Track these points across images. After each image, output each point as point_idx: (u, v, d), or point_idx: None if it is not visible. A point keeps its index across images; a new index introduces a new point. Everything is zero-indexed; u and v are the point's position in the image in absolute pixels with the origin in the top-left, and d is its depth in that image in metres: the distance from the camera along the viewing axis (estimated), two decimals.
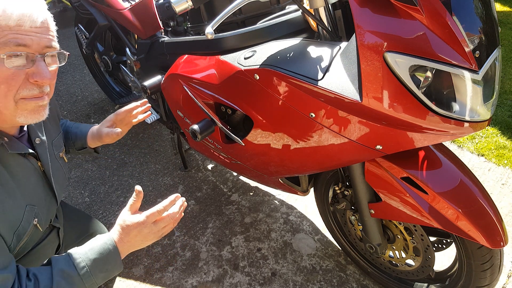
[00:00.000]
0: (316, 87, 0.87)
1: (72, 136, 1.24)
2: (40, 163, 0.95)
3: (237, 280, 1.51)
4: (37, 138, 0.95)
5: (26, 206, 0.87)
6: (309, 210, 1.79)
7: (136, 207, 0.93)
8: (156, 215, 0.91)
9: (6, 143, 0.82)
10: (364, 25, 0.78)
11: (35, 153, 0.93)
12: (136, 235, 0.90)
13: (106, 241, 0.89)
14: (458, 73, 0.74)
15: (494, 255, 1.04)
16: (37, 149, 0.94)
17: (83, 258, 0.85)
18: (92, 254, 0.86)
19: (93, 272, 0.85)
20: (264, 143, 1.12)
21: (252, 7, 1.41)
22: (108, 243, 0.88)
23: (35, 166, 0.93)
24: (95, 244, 0.88)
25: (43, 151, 0.96)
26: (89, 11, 2.03)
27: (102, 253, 0.87)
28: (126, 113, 1.24)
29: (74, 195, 1.95)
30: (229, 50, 1.13)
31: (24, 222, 0.86)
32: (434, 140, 0.85)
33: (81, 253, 0.86)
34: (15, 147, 0.85)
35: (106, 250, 0.88)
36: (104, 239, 0.90)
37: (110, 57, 2.27)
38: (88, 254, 0.86)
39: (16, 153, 0.86)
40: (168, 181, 2.02)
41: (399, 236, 1.23)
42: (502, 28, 3.38)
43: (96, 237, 0.91)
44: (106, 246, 0.88)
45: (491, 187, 1.85)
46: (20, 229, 0.85)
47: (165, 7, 1.58)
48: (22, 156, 0.89)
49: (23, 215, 0.86)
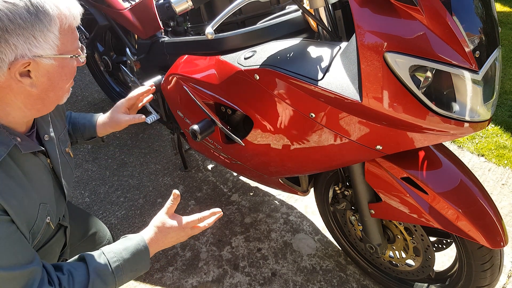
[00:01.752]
0: (316, 87, 0.87)
1: (81, 127, 1.25)
2: (49, 160, 0.95)
3: (237, 280, 1.51)
4: (46, 135, 0.95)
5: (40, 204, 0.88)
6: (309, 210, 1.79)
7: (173, 210, 0.98)
8: (195, 222, 0.97)
9: (19, 144, 0.82)
10: (364, 25, 0.78)
11: (44, 150, 0.93)
12: (173, 237, 0.95)
13: (139, 242, 0.93)
14: (458, 73, 0.74)
15: (494, 255, 1.04)
16: (46, 145, 0.94)
17: (118, 258, 0.89)
18: (126, 254, 0.90)
19: (125, 271, 0.89)
20: (264, 143, 1.12)
21: (252, 7, 1.41)
22: (141, 244, 0.92)
23: (45, 163, 0.93)
24: (129, 244, 0.92)
25: (52, 148, 0.96)
26: (89, 11, 2.03)
27: (135, 253, 0.91)
28: (138, 97, 1.26)
29: (74, 195, 1.95)
30: (229, 50, 1.13)
31: (39, 221, 0.87)
32: (434, 140, 0.85)
33: (116, 252, 0.90)
34: (27, 147, 0.85)
35: (138, 251, 0.91)
36: (138, 239, 0.94)
37: (110, 57, 2.27)
38: (122, 254, 0.90)
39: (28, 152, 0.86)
40: (168, 181, 2.02)
41: (399, 236, 1.23)
42: (502, 28, 3.38)
43: (129, 237, 0.95)
44: (139, 247, 0.92)
45: (491, 187, 1.85)
46: (35, 227, 0.86)
47: (165, 7, 1.58)
48: (33, 154, 0.89)
49: (37, 213, 0.87)
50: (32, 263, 0.79)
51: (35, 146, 0.88)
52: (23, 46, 0.70)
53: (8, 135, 0.80)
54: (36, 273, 0.79)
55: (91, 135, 1.26)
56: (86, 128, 1.25)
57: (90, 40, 2.23)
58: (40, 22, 0.71)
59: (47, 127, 0.97)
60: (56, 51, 0.75)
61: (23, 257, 0.78)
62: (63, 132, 1.07)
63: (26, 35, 0.70)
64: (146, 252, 0.93)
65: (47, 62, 0.75)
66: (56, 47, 0.75)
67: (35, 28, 0.70)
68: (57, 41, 0.74)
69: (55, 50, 0.75)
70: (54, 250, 1.05)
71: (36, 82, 0.76)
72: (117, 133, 2.38)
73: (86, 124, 1.26)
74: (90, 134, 1.26)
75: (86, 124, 1.26)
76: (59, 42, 0.75)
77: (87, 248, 1.37)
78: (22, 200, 0.81)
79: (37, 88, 0.77)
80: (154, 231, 0.96)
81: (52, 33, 0.73)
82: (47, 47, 0.73)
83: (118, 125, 1.23)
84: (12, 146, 0.79)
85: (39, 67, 0.74)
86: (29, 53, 0.71)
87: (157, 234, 0.95)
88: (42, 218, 0.88)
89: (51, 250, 1.03)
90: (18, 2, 0.68)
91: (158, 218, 0.98)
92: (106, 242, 1.44)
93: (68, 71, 0.81)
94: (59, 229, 1.06)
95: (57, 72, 0.78)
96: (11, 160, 0.80)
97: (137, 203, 1.89)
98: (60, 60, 0.77)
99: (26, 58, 0.71)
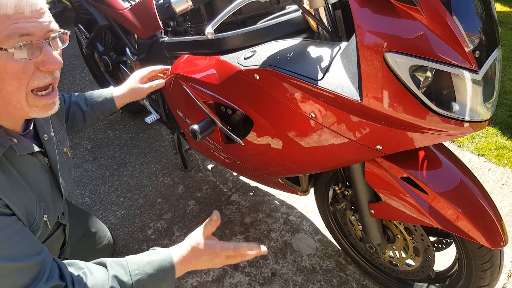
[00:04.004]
0: (316, 87, 0.87)
1: (100, 105, 1.28)
2: (47, 159, 0.95)
3: (237, 280, 1.51)
4: (45, 135, 0.94)
5: (36, 203, 0.87)
6: (309, 210, 1.79)
7: (210, 231, 0.93)
8: (230, 252, 0.91)
9: (15, 145, 0.81)
10: (364, 25, 0.78)
11: (43, 150, 0.93)
12: (205, 261, 0.90)
13: (166, 258, 0.87)
14: (458, 73, 0.74)
15: (494, 255, 1.04)
16: (45, 145, 0.94)
17: (140, 271, 0.83)
18: (150, 269, 0.84)
19: (146, 286, 0.83)
20: (264, 143, 1.12)
21: (252, 7, 1.41)
22: (167, 260, 0.87)
23: (42, 163, 0.93)
24: (154, 258, 0.86)
25: (51, 148, 0.96)
26: (89, 11, 2.03)
27: (159, 270, 0.85)
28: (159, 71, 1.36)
29: (74, 195, 1.95)
30: (229, 50, 1.13)
31: (37, 219, 0.86)
32: (434, 140, 0.85)
33: (139, 264, 0.84)
34: (23, 148, 0.84)
35: (163, 267, 0.85)
36: (164, 254, 0.88)
37: (110, 57, 2.27)
38: (146, 268, 0.84)
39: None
40: (168, 181, 2.02)
41: (399, 236, 1.23)
42: (502, 28, 3.38)
43: (156, 250, 0.90)
44: (164, 264, 0.86)
45: (491, 187, 1.85)
46: (34, 226, 0.85)
47: (165, 7, 1.58)
48: (30, 154, 0.88)
49: (35, 212, 0.86)
50: (41, 254, 0.77)
51: (31, 147, 0.87)
52: None
53: (4, 135, 0.79)
54: (46, 265, 0.76)
55: (112, 110, 1.30)
56: (105, 104, 1.29)
57: (90, 40, 2.23)
58: None
59: (47, 127, 0.97)
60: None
61: (31, 248, 0.76)
62: (60, 132, 1.07)
63: None
64: (172, 271, 0.86)
65: None
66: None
67: None
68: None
69: None
70: (53, 247, 1.05)
71: None
72: (117, 133, 2.38)
73: (104, 101, 1.29)
74: (110, 110, 1.30)
75: (105, 101, 1.29)
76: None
77: (87, 247, 1.37)
78: (21, 197, 0.81)
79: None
80: (187, 249, 0.90)
81: None
82: None
83: (138, 94, 1.31)
84: (7, 147, 0.79)
85: None
86: None
87: (190, 253, 0.89)
88: (40, 216, 0.88)
89: (50, 248, 1.03)
90: None
91: (193, 237, 0.92)
92: (106, 242, 1.44)
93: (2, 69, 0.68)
94: (58, 227, 1.06)
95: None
96: (6, 160, 0.79)
97: (137, 203, 1.89)
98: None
99: None
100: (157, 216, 1.81)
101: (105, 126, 2.45)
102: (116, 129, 2.42)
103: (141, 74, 1.34)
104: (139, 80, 1.33)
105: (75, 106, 1.27)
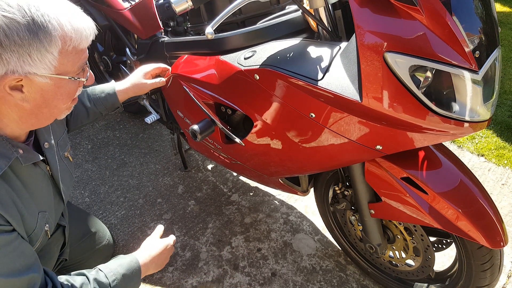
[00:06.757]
0: (316, 87, 0.87)
1: (103, 101, 1.31)
2: (48, 167, 0.95)
3: (237, 280, 1.51)
4: (46, 143, 0.94)
5: (39, 213, 0.87)
6: (309, 210, 1.79)
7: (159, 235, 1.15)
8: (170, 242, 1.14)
9: (21, 156, 0.81)
10: (364, 25, 0.78)
11: (44, 158, 0.93)
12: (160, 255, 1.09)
13: (132, 259, 1.02)
14: (458, 73, 0.74)
15: (494, 255, 1.04)
16: (46, 153, 0.94)
17: (114, 272, 0.94)
18: (122, 269, 0.97)
19: (121, 286, 0.94)
20: (264, 143, 1.12)
21: (252, 7, 1.41)
22: (134, 261, 1.01)
23: (44, 171, 0.93)
24: (123, 262, 0.99)
25: (51, 155, 0.96)
26: (89, 11, 2.03)
27: (129, 269, 0.98)
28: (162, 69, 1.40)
29: (74, 195, 1.95)
30: (229, 50, 1.13)
31: (37, 229, 0.87)
32: (434, 140, 0.85)
33: (112, 268, 0.96)
34: (28, 159, 0.84)
35: (132, 267, 1.00)
36: (130, 257, 1.03)
37: (110, 57, 2.27)
38: (118, 269, 0.96)
39: None
40: (168, 181, 2.02)
41: (399, 236, 1.23)
42: (502, 28, 3.39)
43: (121, 256, 1.03)
44: (132, 264, 1.00)
45: (491, 187, 1.85)
46: (33, 236, 0.86)
47: (165, 7, 1.58)
48: (33, 164, 0.88)
49: (36, 222, 0.87)
50: (31, 270, 0.79)
51: (36, 157, 0.87)
52: (15, 63, 0.67)
53: (10, 147, 0.79)
54: (35, 280, 0.79)
55: (115, 105, 1.33)
56: (108, 100, 1.30)
57: None
58: (39, 42, 0.67)
59: (48, 135, 0.97)
60: (53, 71, 0.72)
61: (22, 264, 0.77)
62: (62, 137, 1.07)
63: (20, 53, 0.67)
64: (139, 270, 1.01)
65: (41, 80, 0.72)
66: (53, 67, 0.72)
67: (32, 47, 0.67)
68: (55, 62, 0.71)
69: (51, 70, 0.72)
70: (53, 249, 1.05)
71: (29, 97, 0.73)
72: (117, 133, 2.38)
73: (107, 96, 1.30)
74: (113, 105, 1.32)
75: (108, 96, 1.30)
76: (57, 63, 0.72)
77: (87, 247, 1.37)
78: (22, 210, 0.81)
79: (29, 104, 0.75)
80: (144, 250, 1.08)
81: (50, 54, 0.70)
82: (42, 66, 0.70)
83: (141, 89, 1.33)
84: (13, 159, 0.79)
85: (32, 84, 0.72)
86: (20, 70, 0.68)
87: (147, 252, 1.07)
88: (41, 226, 0.88)
89: (50, 250, 1.03)
90: (20, 18, 0.65)
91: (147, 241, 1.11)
92: (105, 242, 1.44)
93: (65, 91, 0.78)
94: (58, 228, 1.06)
95: (52, 91, 0.75)
96: (11, 172, 0.80)
97: (137, 203, 1.89)
98: (57, 80, 0.74)
99: (16, 74, 0.68)
100: (157, 216, 1.82)
101: (105, 126, 2.44)
102: (116, 129, 2.42)
103: (145, 70, 1.35)
104: (143, 75, 1.34)
105: (78, 103, 1.27)
